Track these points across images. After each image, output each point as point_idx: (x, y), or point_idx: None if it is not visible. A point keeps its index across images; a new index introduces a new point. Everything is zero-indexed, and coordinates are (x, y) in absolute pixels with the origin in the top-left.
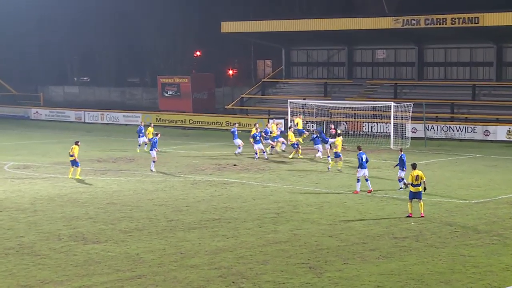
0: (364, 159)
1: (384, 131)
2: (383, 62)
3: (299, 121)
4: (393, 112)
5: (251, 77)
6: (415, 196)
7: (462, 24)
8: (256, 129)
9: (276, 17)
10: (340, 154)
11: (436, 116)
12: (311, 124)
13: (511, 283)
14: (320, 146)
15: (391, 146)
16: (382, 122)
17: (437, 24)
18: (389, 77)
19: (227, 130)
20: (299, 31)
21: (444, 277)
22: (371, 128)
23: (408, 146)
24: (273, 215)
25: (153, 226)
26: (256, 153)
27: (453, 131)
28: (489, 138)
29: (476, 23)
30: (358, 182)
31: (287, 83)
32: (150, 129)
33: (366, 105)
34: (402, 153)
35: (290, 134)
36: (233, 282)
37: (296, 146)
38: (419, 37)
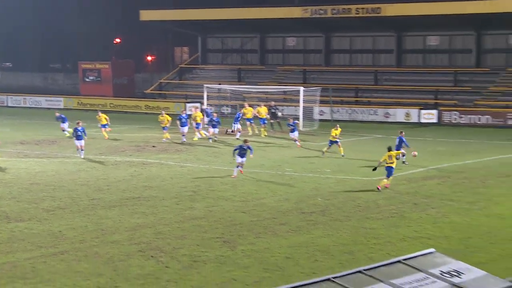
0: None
1: (294, 114)
2: (293, 49)
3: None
4: (302, 96)
5: (169, 63)
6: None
7: (365, 14)
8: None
9: (193, 6)
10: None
11: (342, 100)
12: (226, 108)
13: (408, 252)
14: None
15: (301, 128)
16: (292, 106)
17: (342, 14)
18: (298, 64)
19: (146, 113)
20: (214, 20)
21: (348, 248)
22: (282, 111)
23: (316, 128)
24: (190, 193)
25: (75, 204)
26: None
27: (357, 113)
28: (389, 119)
29: (378, 13)
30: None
31: (203, 69)
32: (102, 115)
33: (277, 90)
34: (401, 135)
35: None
36: (152, 256)
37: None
38: (326, 26)
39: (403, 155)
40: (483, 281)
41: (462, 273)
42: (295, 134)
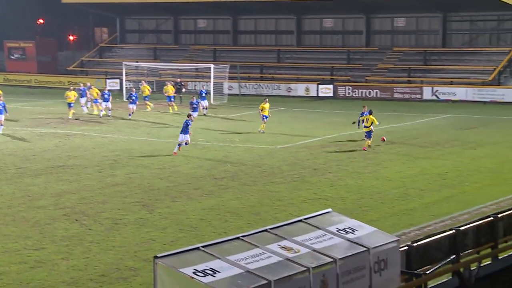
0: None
1: (206, 89)
2: (204, 30)
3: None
4: (213, 73)
5: (90, 42)
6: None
7: None
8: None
9: None
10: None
11: (248, 76)
12: (150, 85)
13: (308, 212)
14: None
15: (212, 102)
16: (204, 82)
17: None
18: (209, 43)
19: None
20: (130, 3)
21: (255, 209)
22: (195, 86)
23: (226, 101)
24: (111, 161)
25: (3, 173)
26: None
27: (262, 88)
28: (291, 94)
29: None
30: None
31: (122, 48)
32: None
33: (190, 67)
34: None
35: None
36: (76, 220)
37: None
38: (234, 9)
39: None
40: (373, 236)
41: (356, 230)
42: (195, 115)
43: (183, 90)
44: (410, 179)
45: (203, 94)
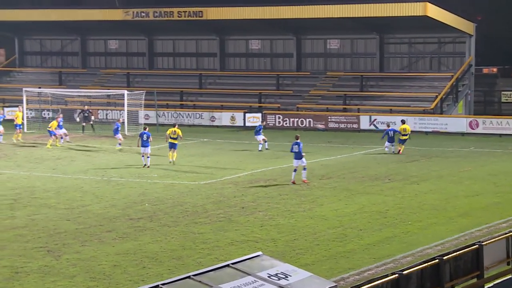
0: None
1: (119, 117)
2: (115, 52)
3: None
4: (127, 100)
5: None
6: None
7: (187, 17)
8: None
9: (5, 6)
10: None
11: (167, 104)
12: (48, 112)
13: (236, 256)
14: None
15: (126, 132)
16: (117, 110)
17: (165, 17)
18: (122, 67)
19: None
20: (30, 21)
21: (176, 253)
22: (106, 115)
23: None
24: (10, 201)
25: None
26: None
27: (183, 117)
28: (215, 123)
29: (200, 17)
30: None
31: (21, 72)
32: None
33: (100, 93)
34: (389, 128)
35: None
36: None
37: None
38: (149, 29)
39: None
40: (309, 282)
41: (289, 275)
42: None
43: (92, 118)
44: (348, 218)
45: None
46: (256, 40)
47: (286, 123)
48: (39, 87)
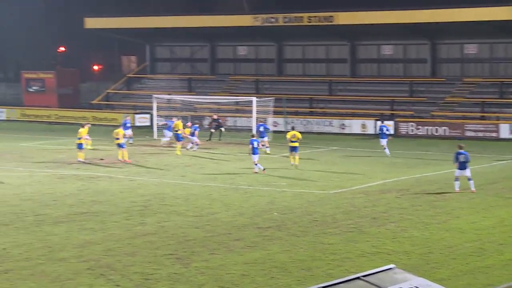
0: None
1: (247, 125)
2: (244, 58)
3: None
4: (255, 106)
5: (116, 72)
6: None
7: (317, 22)
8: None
9: (138, 13)
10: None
11: (296, 111)
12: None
13: (367, 269)
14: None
15: None
16: (245, 117)
17: (294, 22)
18: (250, 73)
19: (93, 125)
20: (162, 28)
21: (305, 264)
22: (235, 122)
23: (270, 139)
24: (141, 208)
25: (20, 220)
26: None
27: (312, 124)
28: (345, 131)
29: (331, 22)
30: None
31: (152, 78)
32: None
33: (229, 100)
34: (382, 124)
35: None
36: (101, 274)
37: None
38: (278, 35)
39: None
40: None
41: None
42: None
43: (223, 128)
44: (486, 232)
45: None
46: (388, 46)
47: (419, 131)
48: (169, 94)
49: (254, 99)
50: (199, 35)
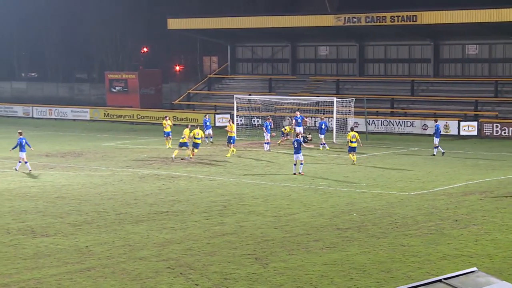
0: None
1: (327, 125)
2: (325, 58)
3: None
4: (336, 107)
5: (197, 73)
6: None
7: (400, 22)
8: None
9: (221, 14)
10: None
11: (377, 111)
12: (257, 119)
13: (448, 271)
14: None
15: (334, 140)
16: (326, 117)
17: (377, 22)
18: (331, 73)
19: (174, 125)
20: (243, 29)
21: (385, 266)
22: (315, 122)
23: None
24: (220, 207)
25: (102, 219)
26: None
27: (393, 125)
28: (427, 132)
29: (414, 21)
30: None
31: (232, 79)
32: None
33: (309, 101)
34: (437, 123)
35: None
36: (181, 274)
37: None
38: (360, 35)
39: None
40: None
41: None
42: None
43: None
44: None
45: (323, 126)
46: (473, 45)
47: (504, 132)
48: (249, 94)
49: (334, 99)
50: (280, 36)
